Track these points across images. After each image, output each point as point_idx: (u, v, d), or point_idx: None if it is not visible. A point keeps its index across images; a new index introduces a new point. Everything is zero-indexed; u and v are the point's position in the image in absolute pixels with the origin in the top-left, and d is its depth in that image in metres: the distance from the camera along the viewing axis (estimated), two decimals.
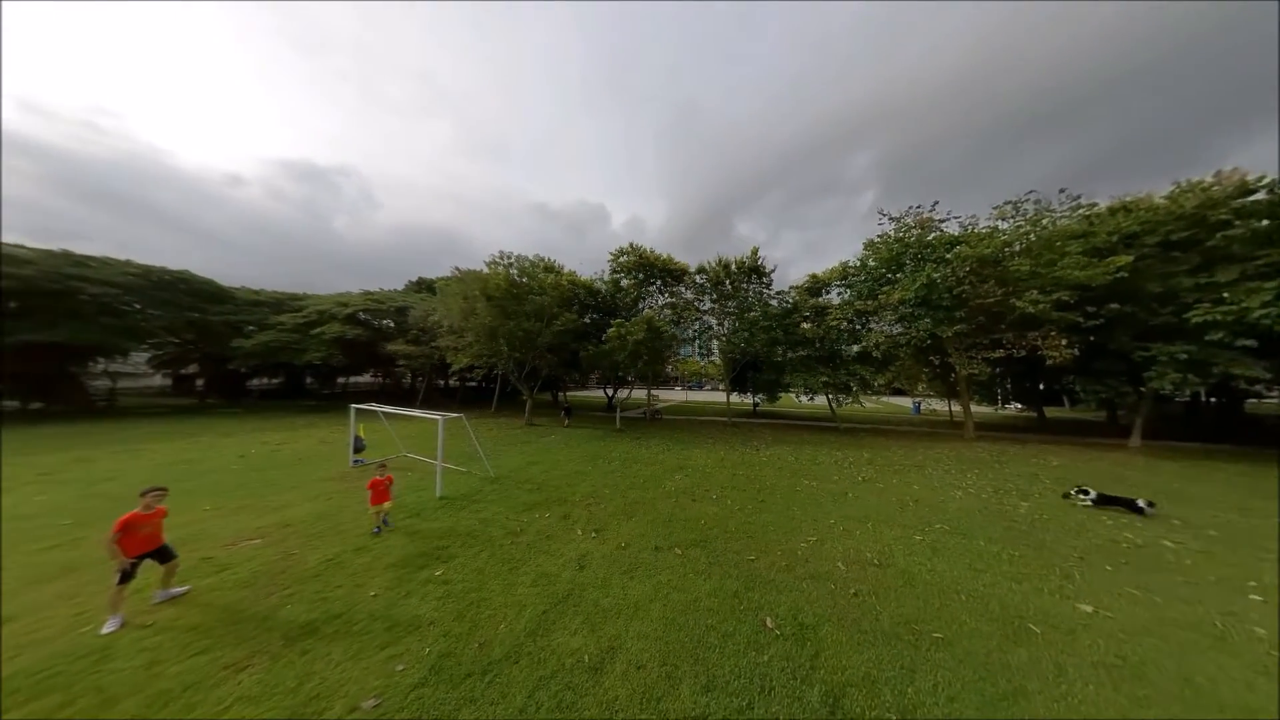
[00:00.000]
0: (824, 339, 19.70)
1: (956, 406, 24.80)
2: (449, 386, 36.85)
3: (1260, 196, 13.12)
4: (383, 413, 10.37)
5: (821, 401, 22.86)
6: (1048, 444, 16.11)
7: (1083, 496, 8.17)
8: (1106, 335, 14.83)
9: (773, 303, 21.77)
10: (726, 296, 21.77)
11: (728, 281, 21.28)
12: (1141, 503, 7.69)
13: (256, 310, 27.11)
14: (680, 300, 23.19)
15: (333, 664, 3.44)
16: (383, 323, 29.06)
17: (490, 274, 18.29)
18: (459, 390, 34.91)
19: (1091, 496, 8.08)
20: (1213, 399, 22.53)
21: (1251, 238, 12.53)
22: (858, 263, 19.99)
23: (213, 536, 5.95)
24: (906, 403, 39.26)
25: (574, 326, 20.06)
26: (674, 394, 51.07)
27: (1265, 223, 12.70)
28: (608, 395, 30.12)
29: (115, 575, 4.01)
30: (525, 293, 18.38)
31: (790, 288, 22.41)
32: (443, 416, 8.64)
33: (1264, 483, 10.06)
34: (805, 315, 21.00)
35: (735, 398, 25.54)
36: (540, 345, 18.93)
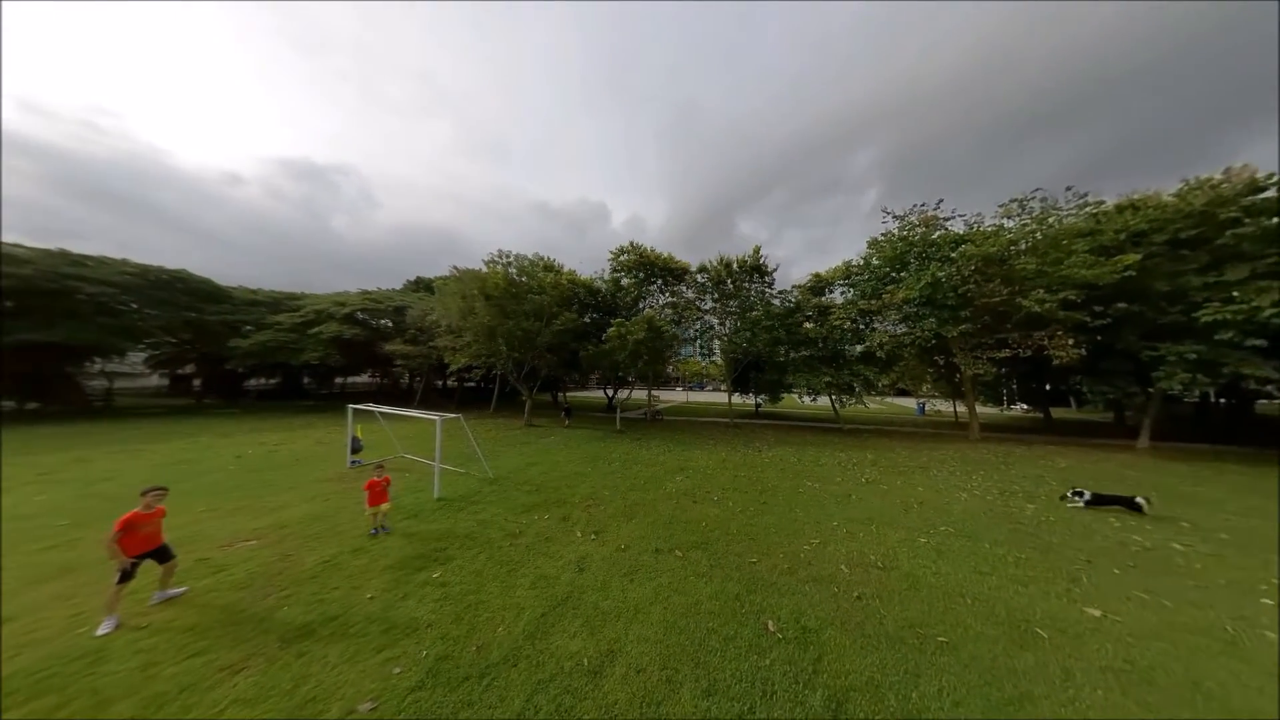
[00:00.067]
0: (827, 339, 19.67)
1: (961, 407, 24.77)
2: (447, 387, 36.89)
3: (1270, 194, 13.05)
4: (380, 413, 10.38)
5: (824, 402, 22.84)
6: (1054, 445, 16.05)
7: (1076, 498, 8.14)
8: (1114, 335, 14.76)
9: (775, 302, 21.76)
10: (728, 296, 21.76)
11: (729, 280, 21.27)
12: (1140, 500, 7.68)
13: (254, 310, 27.19)
14: (681, 299, 23.19)
15: (329, 666, 3.44)
16: (380, 322, 29.13)
17: (489, 273, 18.30)
18: (457, 390, 34.94)
19: (1086, 498, 8.05)
20: (1222, 400, 22.42)
21: (1262, 235, 12.47)
22: (861, 261, 19.95)
23: (209, 537, 5.95)
24: (911, 403, 39.21)
25: (574, 326, 20.06)
26: (675, 395, 51.06)
27: (1276, 220, 12.63)
28: (608, 396, 30.13)
29: (115, 575, 4.02)
30: (524, 292, 18.39)
31: (793, 287, 22.41)
32: (440, 417, 8.65)
33: (1275, 485, 10.00)
34: (808, 315, 20.98)
35: (737, 398, 25.54)
36: (539, 345, 18.93)
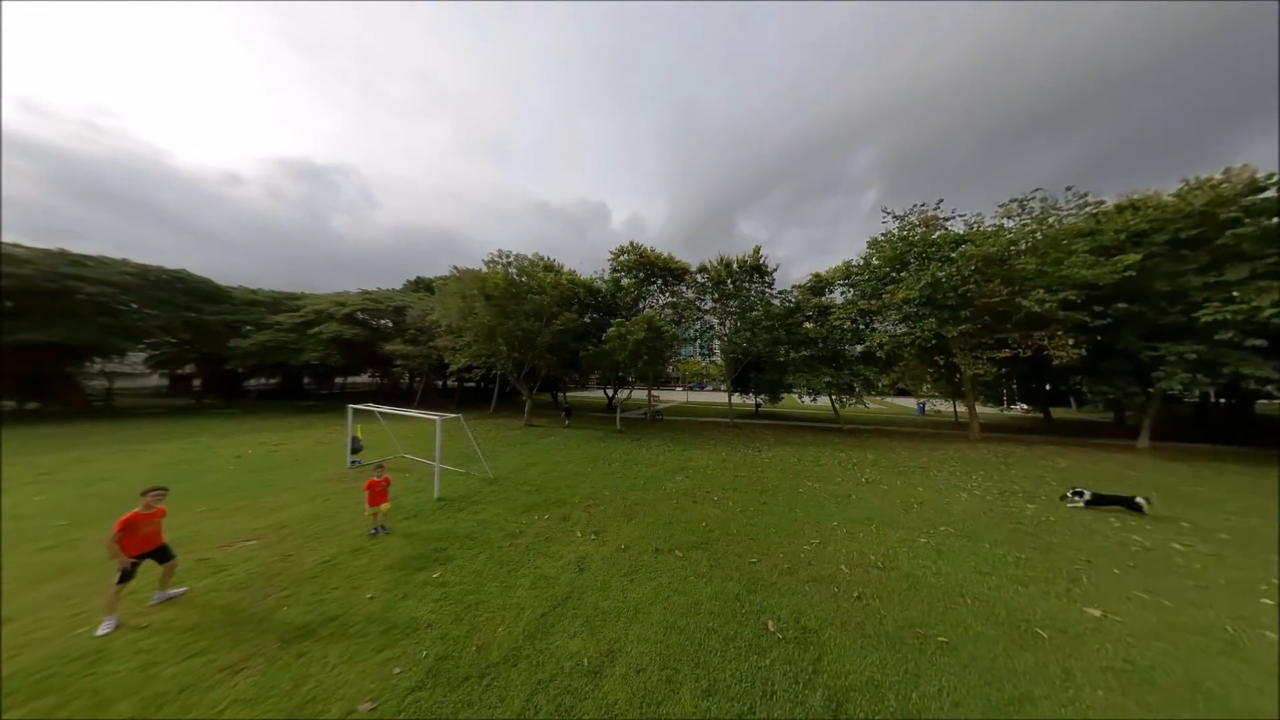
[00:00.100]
0: (827, 339, 19.69)
1: (961, 407, 24.78)
2: (447, 387, 36.90)
3: (1270, 194, 13.07)
4: (380, 413, 10.38)
5: (824, 402, 22.85)
6: (1054, 445, 16.06)
7: (1076, 499, 8.18)
8: (1114, 335, 14.78)
9: (775, 302, 21.78)
10: (728, 296, 21.78)
11: (729, 280, 21.29)
12: (1140, 499, 7.72)
13: (254, 310, 27.20)
14: (681, 299, 23.20)
15: (329, 666, 3.44)
16: (380, 322, 29.15)
17: (489, 273, 18.31)
18: (457, 391, 34.96)
19: (1085, 498, 8.09)
20: (1222, 400, 22.44)
21: (1262, 235, 12.49)
22: (861, 261, 19.97)
23: (209, 538, 5.96)
24: (911, 403, 39.23)
25: (574, 326, 20.06)
26: (675, 395, 51.06)
27: (1276, 220, 12.65)
28: (608, 396, 30.14)
29: (115, 575, 4.03)
30: (524, 292, 18.40)
31: (793, 287, 22.43)
32: (440, 417, 8.65)
33: (1275, 485, 10.01)
34: (808, 315, 20.99)
35: (737, 398, 25.55)
36: (539, 345, 18.94)
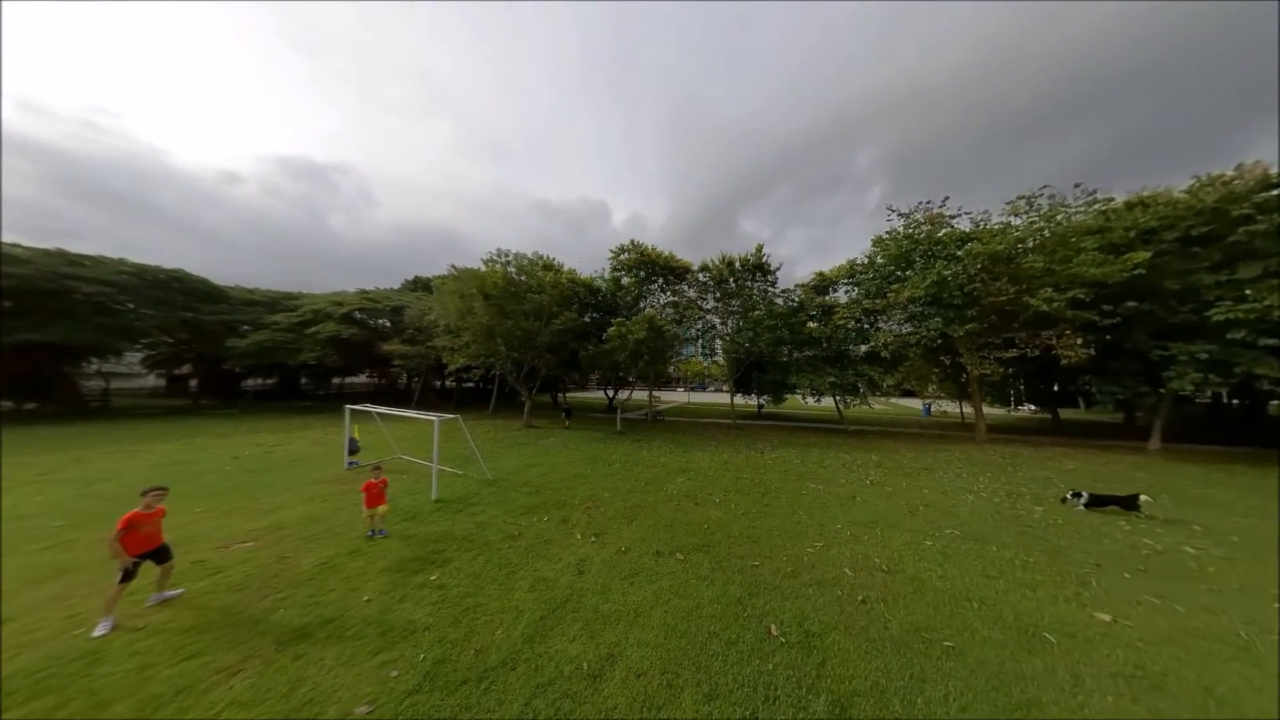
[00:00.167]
0: (831, 338, 19.66)
1: (968, 408, 24.70)
2: (445, 387, 36.97)
3: None
4: (377, 414, 10.40)
5: (828, 403, 22.78)
6: (1062, 447, 15.99)
7: (1076, 499, 8.19)
8: (1123, 334, 14.71)
9: (778, 301, 21.76)
10: (730, 295, 21.75)
11: (731, 279, 21.26)
12: (1142, 498, 7.73)
13: (251, 309, 27.29)
14: (683, 299, 23.20)
15: (326, 669, 3.44)
16: (378, 322, 29.22)
17: (488, 272, 18.33)
18: (455, 391, 35.02)
19: (1084, 499, 8.09)
20: (1235, 400, 22.31)
21: (1275, 233, 12.41)
22: (866, 260, 19.92)
23: (206, 539, 5.97)
24: (916, 404, 39.16)
25: (573, 326, 20.07)
26: (676, 395, 51.07)
27: None
28: (608, 396, 30.15)
29: (117, 574, 4.06)
30: (523, 291, 18.42)
31: (796, 286, 22.41)
32: (438, 417, 8.65)
33: None
34: (811, 314, 20.97)
35: (739, 399, 25.53)
36: (539, 345, 18.95)
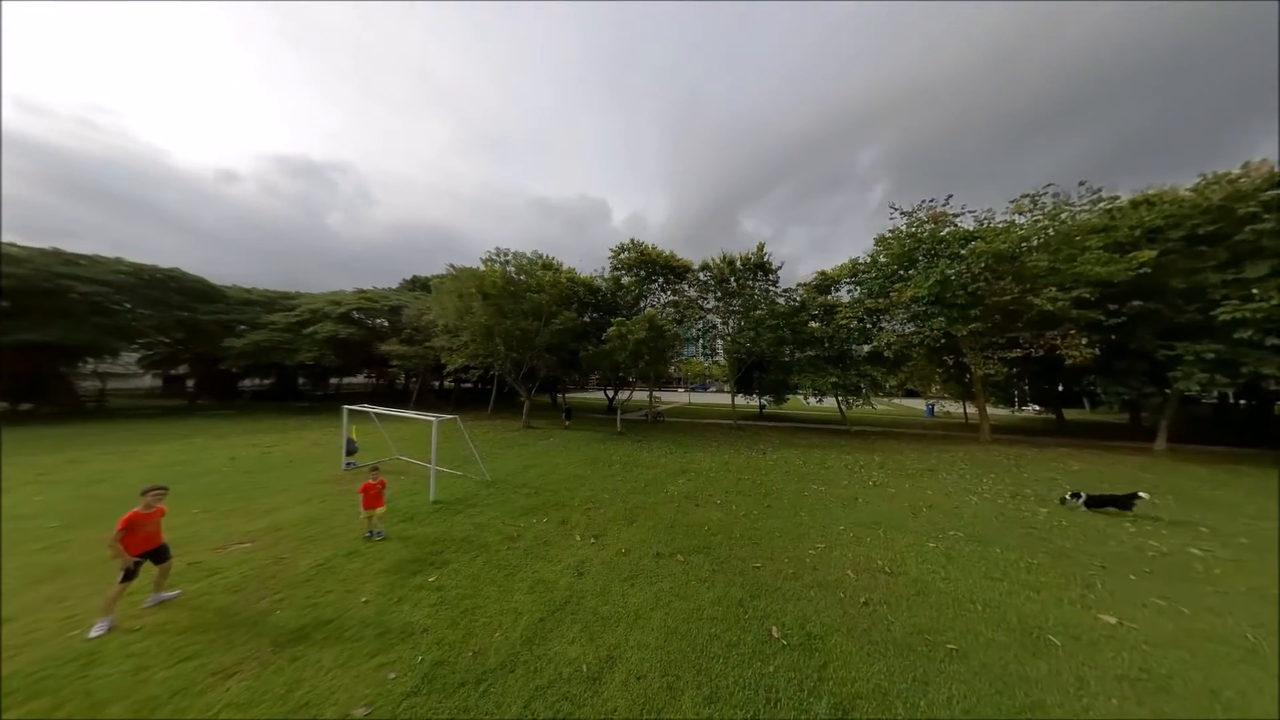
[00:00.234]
0: (833, 338, 19.65)
1: (972, 408, 24.68)
2: (443, 388, 36.98)
3: None
4: (375, 414, 10.40)
5: (831, 403, 22.79)
6: (1067, 447, 15.97)
7: (1075, 500, 8.24)
8: (1129, 334, 14.68)
9: (780, 301, 21.76)
10: (731, 294, 21.75)
11: (733, 279, 21.25)
12: (1140, 495, 7.81)
13: (248, 309, 27.31)
14: (683, 298, 23.20)
15: (323, 671, 3.45)
16: (376, 322, 29.22)
17: (486, 271, 18.32)
18: (454, 391, 35.03)
19: (1083, 499, 8.13)
20: (1242, 401, 22.26)
21: None
22: (868, 259, 19.90)
23: (203, 540, 5.98)
24: (919, 405, 39.12)
25: (573, 325, 20.08)
26: (677, 396, 51.08)
27: None
28: (608, 397, 30.14)
29: (118, 574, 4.08)
30: (523, 290, 18.42)
31: (798, 285, 22.40)
32: (436, 418, 8.66)
33: None
34: (813, 314, 20.97)
35: (741, 399, 25.52)
36: (538, 345, 18.95)
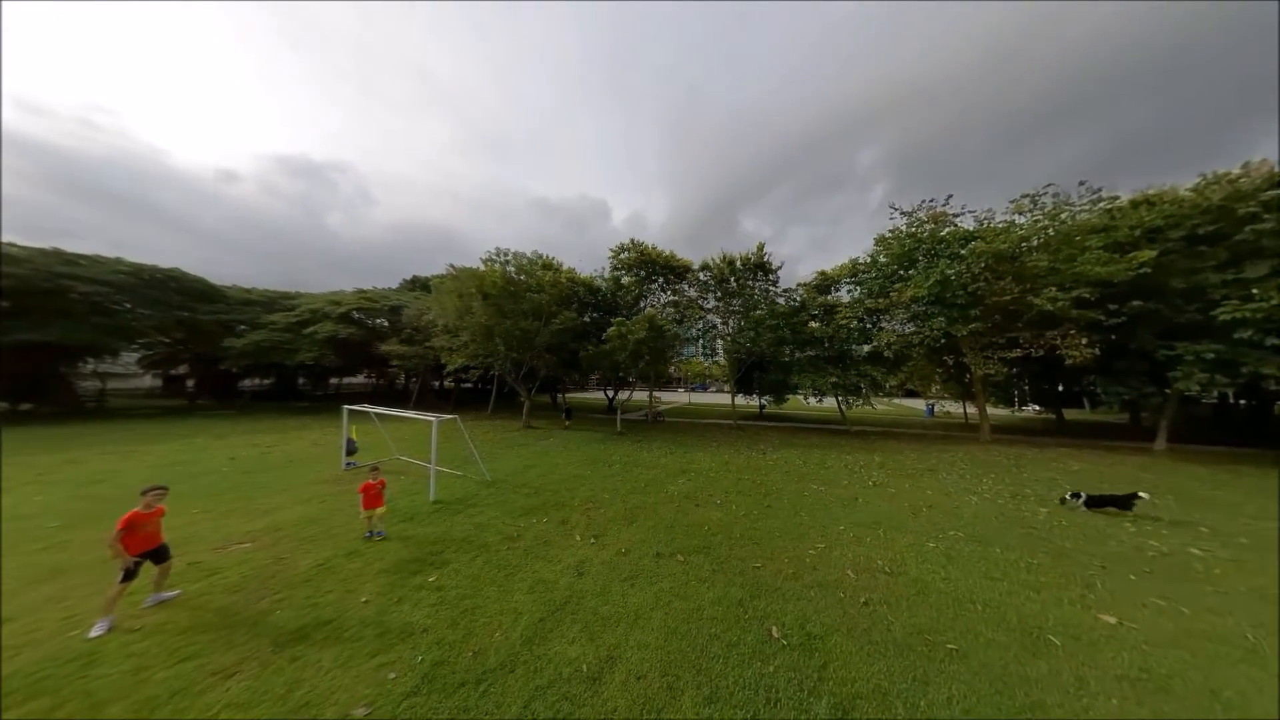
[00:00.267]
0: (833, 338, 19.66)
1: (971, 409, 24.68)
2: (443, 388, 36.99)
3: None
4: (375, 414, 10.41)
5: (831, 404, 22.80)
6: (1067, 448, 15.98)
7: (1075, 500, 8.28)
8: (1129, 334, 14.70)
9: (780, 301, 21.77)
10: (731, 294, 21.76)
11: (733, 279, 21.27)
12: (1140, 495, 7.85)
13: (248, 309, 27.32)
14: (683, 298, 23.21)
15: (323, 671, 3.46)
16: (376, 322, 29.23)
17: (486, 271, 18.34)
18: (454, 392, 35.04)
19: (1082, 499, 8.17)
20: (1242, 401, 22.29)
21: None
22: (868, 259, 19.92)
23: (203, 540, 5.98)
24: (919, 405, 39.13)
25: (573, 325, 20.10)
26: (677, 396, 51.10)
27: None
28: (608, 397, 30.15)
29: (119, 574, 4.09)
30: (522, 290, 18.43)
31: (798, 285, 22.41)
32: (436, 418, 8.67)
33: None
34: (813, 314, 20.98)
35: (741, 400, 25.53)
36: (538, 345, 18.96)
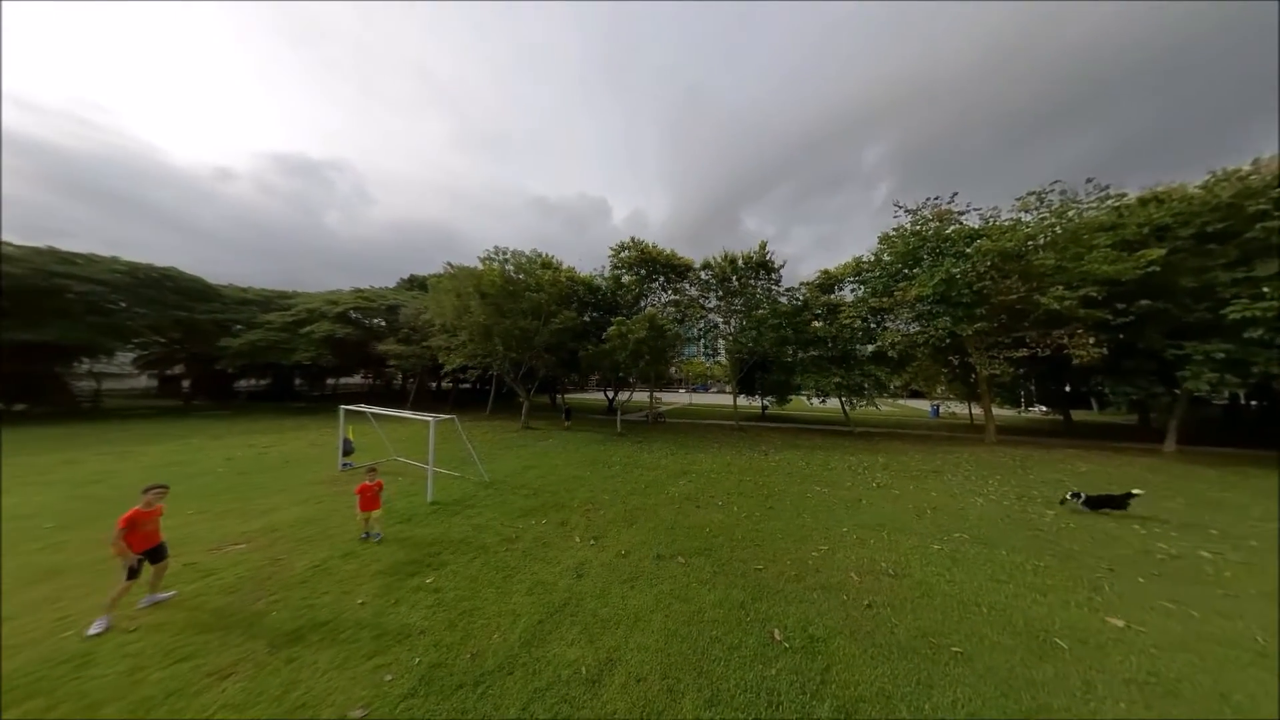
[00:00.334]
0: (836, 338, 19.62)
1: (977, 409, 24.62)
2: (441, 389, 37.01)
3: None
4: (372, 414, 10.42)
5: (834, 404, 22.77)
6: (1074, 449, 15.93)
7: (1075, 500, 8.31)
8: (1137, 333, 14.65)
9: (782, 300, 21.72)
10: (733, 293, 21.73)
11: (734, 278, 21.23)
12: (1137, 492, 7.92)
13: (244, 309, 27.37)
14: (684, 297, 23.18)
15: (319, 672, 3.46)
16: (374, 322, 29.26)
17: (485, 270, 18.34)
18: (452, 392, 35.06)
19: (1082, 499, 8.20)
20: (1253, 402, 22.21)
21: None
22: (872, 258, 19.87)
23: (199, 541, 5.99)
24: (924, 405, 39.06)
25: (573, 325, 20.09)
26: (678, 397, 51.08)
27: None
28: (608, 397, 30.15)
29: (123, 572, 4.13)
30: (521, 290, 18.42)
31: (801, 284, 22.35)
32: (434, 418, 8.67)
33: None
34: (817, 313, 20.94)
35: (743, 400, 25.49)
36: (537, 345, 18.96)
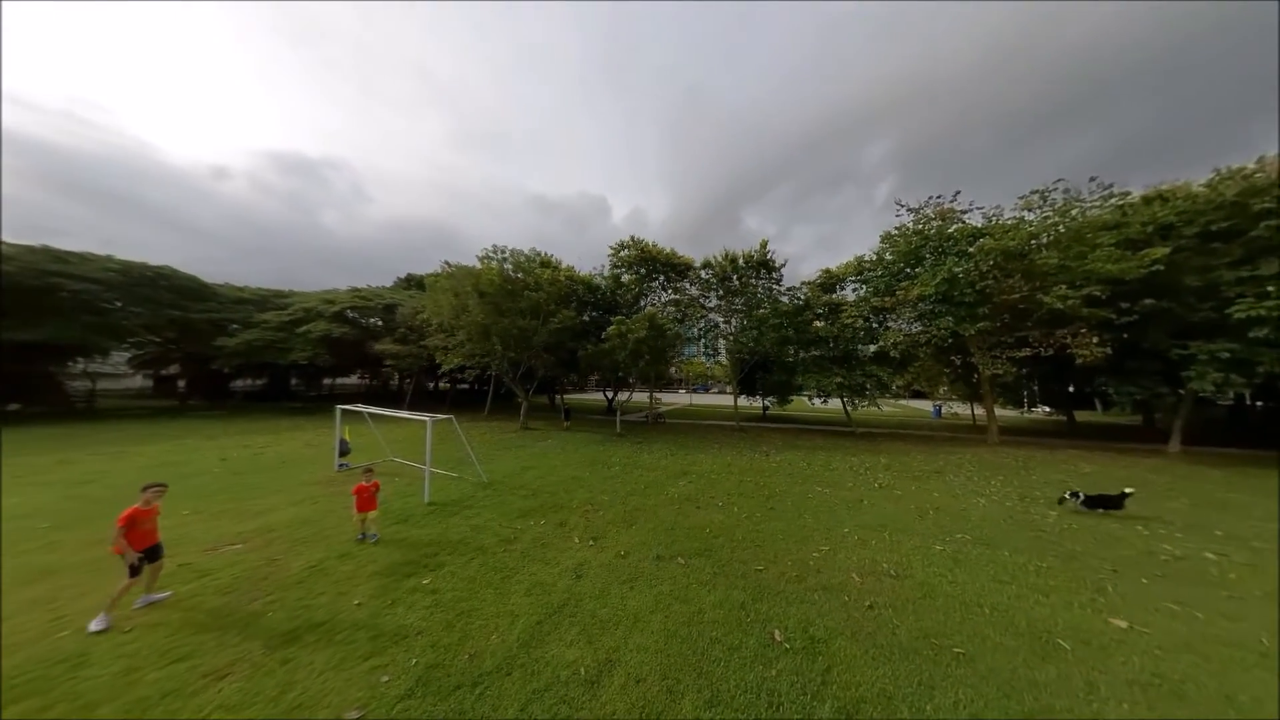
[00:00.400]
0: (838, 338, 19.63)
1: (980, 410, 24.65)
2: (438, 389, 37.02)
3: None
4: (368, 414, 10.42)
5: (836, 405, 22.80)
6: (1078, 450, 15.95)
7: (1073, 499, 8.35)
8: (1141, 333, 14.67)
9: (783, 299, 21.72)
10: (734, 293, 21.74)
11: (735, 277, 21.24)
12: (1129, 491, 7.98)
13: (240, 308, 27.36)
14: (684, 297, 23.19)
15: (315, 673, 3.46)
16: (370, 321, 29.27)
17: (483, 269, 18.34)
18: (449, 392, 35.10)
19: (1080, 499, 8.24)
20: (1258, 402, 22.23)
21: None
22: (874, 257, 19.89)
23: (194, 541, 6.00)
24: (926, 406, 39.09)
25: (572, 324, 20.09)
26: (678, 397, 51.10)
27: None
28: (607, 398, 30.16)
29: (125, 570, 4.17)
30: (520, 289, 18.42)
31: (802, 283, 22.37)
32: (431, 418, 8.68)
33: None
34: (818, 313, 20.94)
35: (743, 400, 25.50)
36: (536, 344, 18.96)
